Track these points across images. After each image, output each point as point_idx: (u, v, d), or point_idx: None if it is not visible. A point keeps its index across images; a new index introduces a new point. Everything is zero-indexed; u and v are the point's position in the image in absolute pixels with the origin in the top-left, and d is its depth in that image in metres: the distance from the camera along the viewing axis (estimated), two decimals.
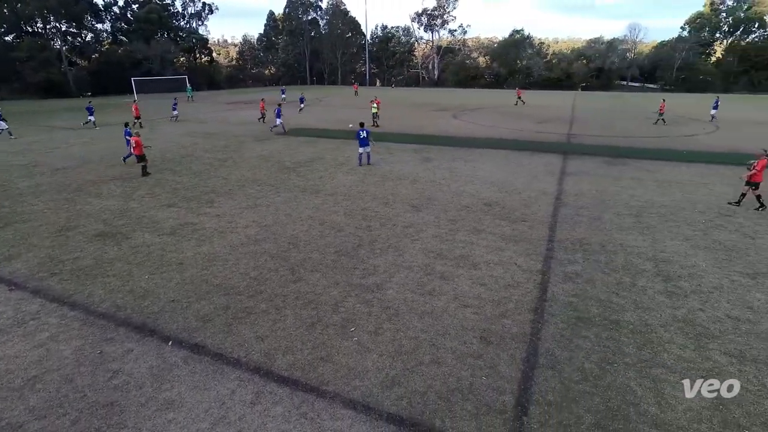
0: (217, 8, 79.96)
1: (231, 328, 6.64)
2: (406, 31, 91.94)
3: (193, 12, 79.08)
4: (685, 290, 7.59)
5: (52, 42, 61.50)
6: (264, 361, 5.98)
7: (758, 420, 5.05)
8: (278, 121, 24.57)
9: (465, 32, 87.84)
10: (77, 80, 60.44)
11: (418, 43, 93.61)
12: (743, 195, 11.82)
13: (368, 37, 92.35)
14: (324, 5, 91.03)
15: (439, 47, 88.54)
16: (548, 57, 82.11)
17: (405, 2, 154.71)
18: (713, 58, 73.61)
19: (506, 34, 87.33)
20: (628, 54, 78.50)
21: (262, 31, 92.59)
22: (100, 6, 68.72)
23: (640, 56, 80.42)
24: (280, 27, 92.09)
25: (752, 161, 11.82)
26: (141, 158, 14.99)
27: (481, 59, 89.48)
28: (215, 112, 36.85)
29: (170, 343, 6.31)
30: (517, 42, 79.98)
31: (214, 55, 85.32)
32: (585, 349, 6.16)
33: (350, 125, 23.29)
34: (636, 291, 7.58)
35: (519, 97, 45.19)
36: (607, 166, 16.44)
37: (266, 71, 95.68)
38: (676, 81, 70.47)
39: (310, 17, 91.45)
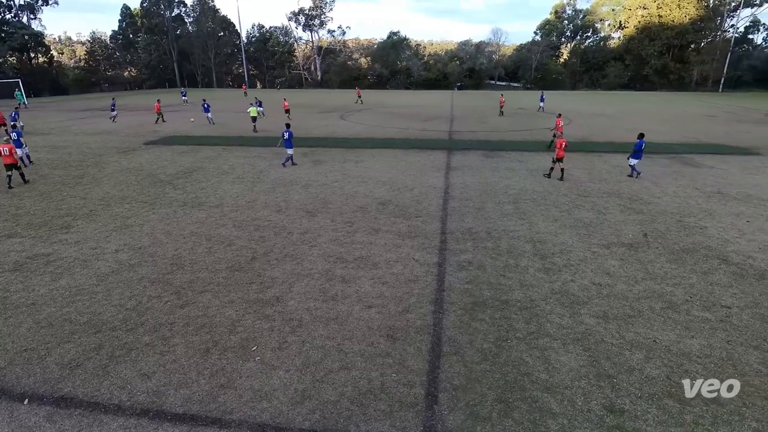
0: (56, 1, 69.38)
1: (107, 371, 5.85)
2: (285, 31, 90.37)
3: (23, 3, 67.61)
4: (558, 265, 8.73)
5: None
6: (153, 401, 5.39)
7: (623, 369, 6.03)
8: (208, 115, 28.01)
9: (344, 33, 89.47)
10: None
11: (298, 44, 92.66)
12: (552, 169, 15.22)
13: (243, 36, 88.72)
14: (190, 1, 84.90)
15: (319, 48, 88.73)
16: (425, 58, 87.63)
17: (280, 1, 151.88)
18: (561, 59, 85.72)
19: (384, 36, 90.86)
20: (494, 56, 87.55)
21: (115, 28, 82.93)
22: None
23: (503, 58, 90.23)
24: (139, 23, 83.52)
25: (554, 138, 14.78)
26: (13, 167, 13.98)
27: (362, 60, 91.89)
28: (62, 121, 32.03)
29: (26, 401, 5.34)
30: (395, 43, 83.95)
31: (54, 54, 74.08)
32: (482, 331, 6.72)
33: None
34: (519, 271, 8.49)
35: (359, 97, 48.33)
36: (486, 159, 18.09)
37: (125, 73, 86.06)
38: (534, 80, 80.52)
39: (173, 13, 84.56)
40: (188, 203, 12.30)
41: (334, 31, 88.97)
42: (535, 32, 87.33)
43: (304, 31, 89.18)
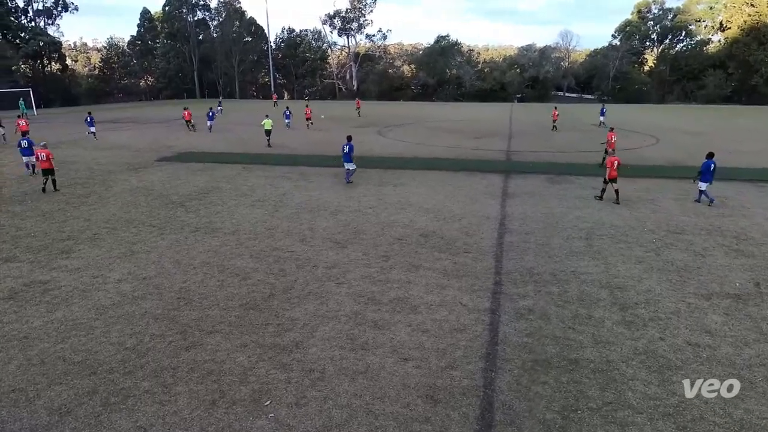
0: (75, 7, 75.95)
1: (100, 420, 6.00)
2: (318, 35, 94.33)
3: (41, 8, 74.48)
4: (644, 318, 8.30)
5: None
6: None
7: None
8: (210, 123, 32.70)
9: (385, 37, 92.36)
10: None
11: (332, 50, 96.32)
12: (603, 191, 15.71)
13: (272, 41, 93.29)
14: (214, 4, 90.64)
15: (356, 54, 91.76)
16: (479, 66, 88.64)
17: (314, 2, 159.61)
18: (646, 67, 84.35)
19: (431, 40, 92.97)
20: (562, 63, 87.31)
21: (134, 34, 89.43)
22: None
23: (574, 65, 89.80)
24: (158, 29, 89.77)
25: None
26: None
27: (405, 68, 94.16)
28: (71, 134, 34.39)
29: None
30: (444, 49, 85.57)
31: (69, 61, 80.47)
32: (545, 397, 6.43)
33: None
34: (593, 323, 8.13)
35: (358, 108, 50.25)
36: (551, 185, 17.79)
37: (141, 82, 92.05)
38: (612, 91, 79.33)
39: (196, 17, 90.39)
40: (201, 229, 12.75)
41: (373, 35, 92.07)
42: (613, 35, 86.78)
43: (339, 35, 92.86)
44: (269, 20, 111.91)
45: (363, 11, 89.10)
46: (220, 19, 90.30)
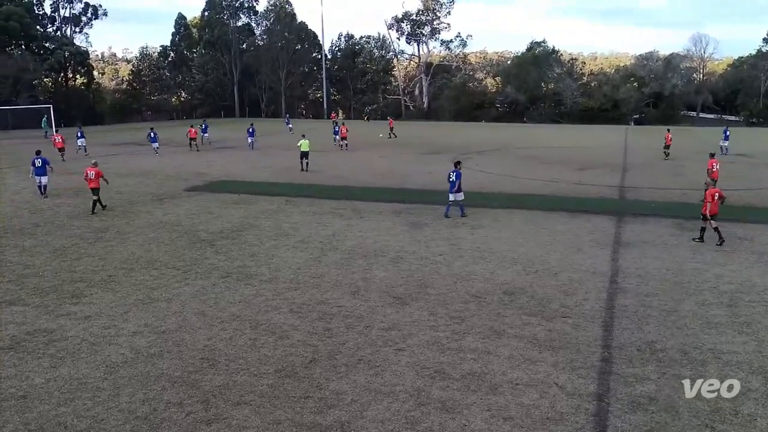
0: (105, 11, 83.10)
1: None
2: (381, 42, 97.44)
3: (68, 15, 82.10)
4: None
5: None
6: None
7: None
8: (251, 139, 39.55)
9: (465, 44, 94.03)
10: None
11: (399, 60, 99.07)
12: (703, 230, 15.99)
13: (326, 50, 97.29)
14: (261, 7, 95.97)
15: (428, 65, 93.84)
16: (584, 78, 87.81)
17: (379, 4, 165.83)
18: None
19: (522, 48, 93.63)
20: (694, 75, 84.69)
21: (168, 43, 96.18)
22: None
23: (711, 78, 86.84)
24: (196, 36, 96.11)
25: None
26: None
27: (489, 81, 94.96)
28: (92, 157, 36.98)
29: None
30: (539, 58, 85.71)
31: (95, 74, 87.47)
32: None
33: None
34: (740, 422, 7.52)
35: (391, 129, 50.89)
36: (681, 233, 16.99)
37: (174, 99, 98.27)
38: (764, 110, 75.68)
39: (240, 22, 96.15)
40: (232, 274, 13.13)
41: (450, 41, 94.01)
42: (765, 39, 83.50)
43: (408, 42, 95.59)
44: (324, 25, 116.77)
45: (438, 12, 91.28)
46: (267, 25, 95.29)
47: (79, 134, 40.27)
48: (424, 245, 15.50)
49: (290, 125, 58.03)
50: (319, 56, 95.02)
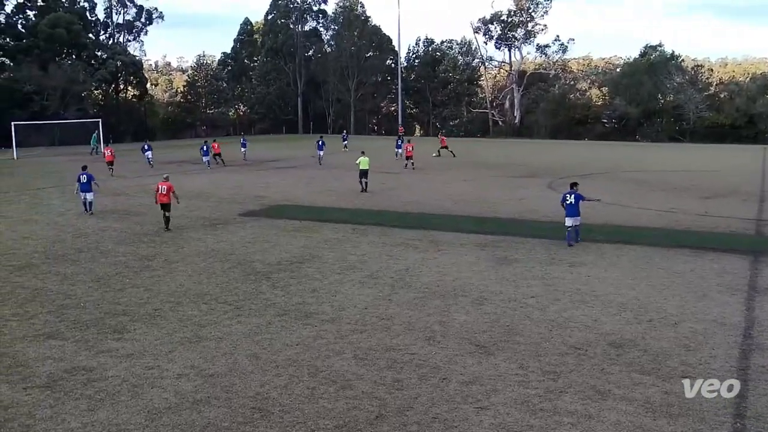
0: (160, 14, 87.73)
1: None
2: (466, 47, 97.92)
3: (122, 21, 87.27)
4: None
5: None
6: None
7: None
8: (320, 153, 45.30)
9: (565, 49, 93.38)
10: None
11: (486, 67, 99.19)
12: None
13: (402, 57, 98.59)
14: (330, 9, 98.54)
15: (521, 73, 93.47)
16: (711, 89, 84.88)
17: (464, 3, 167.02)
18: None
19: (635, 53, 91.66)
20: None
21: (229, 50, 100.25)
22: None
23: None
24: (259, 42, 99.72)
25: None
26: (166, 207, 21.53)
27: (593, 92, 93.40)
28: (141, 176, 38.82)
29: None
30: (655, 65, 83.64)
31: (148, 85, 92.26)
32: None
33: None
34: None
35: (444, 147, 51.57)
36: None
37: (231, 112, 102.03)
38: None
39: (307, 27, 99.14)
40: (290, 312, 13.31)
41: (547, 46, 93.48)
42: None
43: (497, 47, 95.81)
44: (400, 29, 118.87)
45: (533, 12, 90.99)
46: (336, 29, 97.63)
47: (146, 147, 45.57)
48: (513, 285, 15.23)
49: (346, 142, 59.34)
50: (395, 64, 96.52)
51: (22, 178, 39.98)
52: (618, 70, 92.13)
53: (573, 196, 19.30)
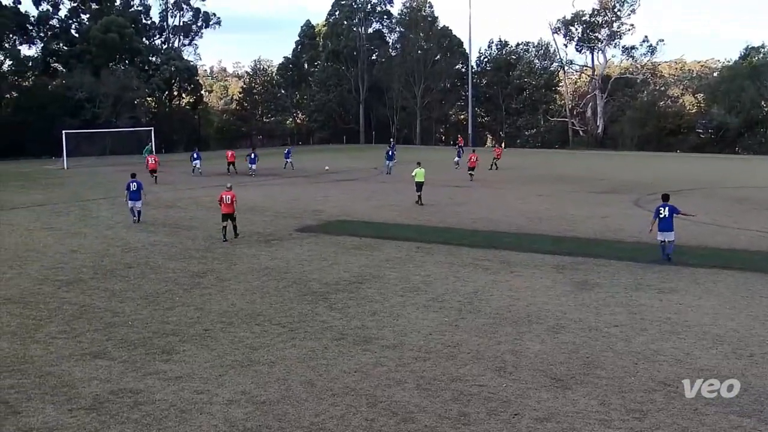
0: (218, 20, 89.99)
1: None
2: (544, 50, 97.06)
3: (178, 24, 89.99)
4: None
5: None
6: None
7: None
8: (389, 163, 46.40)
9: (654, 51, 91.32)
10: None
11: (566, 72, 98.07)
12: None
13: (473, 61, 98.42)
14: (396, 11, 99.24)
15: (605, 78, 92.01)
16: None
17: (541, 3, 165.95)
18: None
19: (734, 55, 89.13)
20: None
21: (288, 55, 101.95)
22: (32, 18, 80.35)
23: None
24: (320, 46, 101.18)
25: None
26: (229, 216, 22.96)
27: (687, 99, 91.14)
28: (194, 188, 39.80)
29: None
30: (759, 68, 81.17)
31: (203, 92, 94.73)
32: None
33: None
34: None
35: (496, 160, 51.96)
36: None
37: (289, 121, 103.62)
38: None
39: (371, 29, 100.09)
40: (348, 336, 13.34)
41: (634, 48, 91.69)
42: None
43: (578, 50, 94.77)
44: (472, 30, 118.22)
45: (619, 11, 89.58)
46: (402, 31, 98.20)
47: (194, 155, 48.55)
48: (594, 312, 14.91)
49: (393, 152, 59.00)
50: (465, 68, 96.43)
51: (72, 188, 41.59)
52: (715, 74, 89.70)
53: (667, 209, 19.43)
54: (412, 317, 14.53)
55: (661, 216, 19.48)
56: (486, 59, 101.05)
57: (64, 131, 56.63)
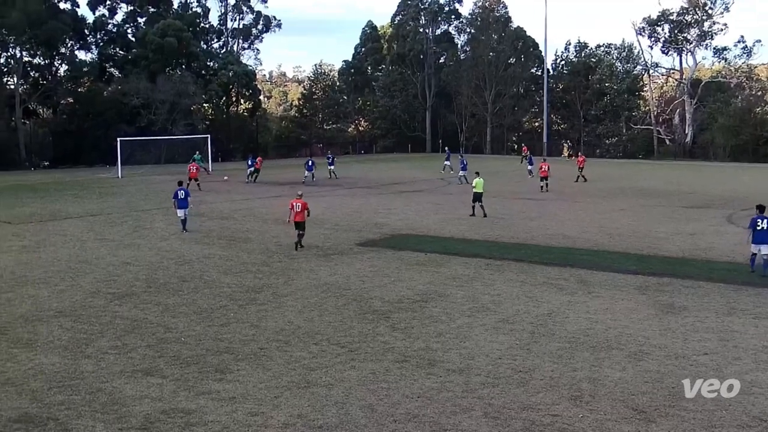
0: (279, 23, 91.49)
1: None
2: (626, 52, 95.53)
3: (237, 27, 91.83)
4: None
5: (6, 79, 74.86)
6: None
7: None
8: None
9: (750, 53, 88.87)
10: (33, 142, 71.63)
11: (651, 76, 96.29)
12: None
13: (549, 64, 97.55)
14: (466, 11, 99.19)
15: (694, 82, 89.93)
16: None
17: (623, 2, 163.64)
18: None
19: None
20: None
21: (350, 58, 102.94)
22: (89, 23, 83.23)
23: None
24: (384, 49, 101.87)
25: None
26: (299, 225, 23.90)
27: None
28: (250, 198, 40.44)
29: None
30: None
31: (261, 97, 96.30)
32: None
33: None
34: None
35: (580, 169, 51.67)
36: None
37: (350, 128, 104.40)
38: None
39: (439, 30, 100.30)
40: (411, 358, 13.31)
41: (727, 49, 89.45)
42: None
43: (664, 51, 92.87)
44: (547, 31, 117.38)
45: (710, 10, 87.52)
46: (472, 32, 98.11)
47: (249, 162, 51.73)
48: (681, 338, 14.53)
49: (448, 162, 59.65)
50: (540, 72, 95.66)
51: (126, 198, 42.80)
52: None
53: (765, 221, 19.60)
54: (480, 339, 14.42)
55: (759, 228, 19.58)
56: (563, 62, 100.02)
57: (119, 139, 58.19)
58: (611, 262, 22.22)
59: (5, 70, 75.09)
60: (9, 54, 74.51)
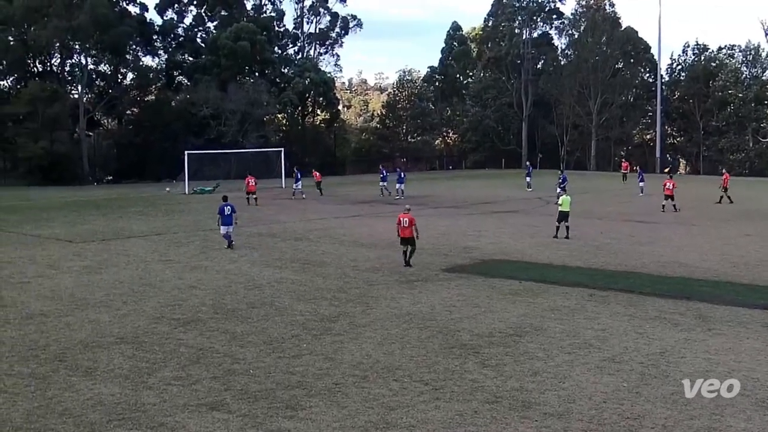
0: (358, 22, 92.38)
1: None
2: (753, 55, 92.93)
3: (315, 31, 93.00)
4: None
5: (69, 88, 77.76)
6: None
7: None
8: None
9: None
10: (97, 155, 74.09)
11: None
12: None
13: (663, 69, 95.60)
14: (568, 10, 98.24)
15: None
16: None
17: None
18: None
19: None
20: None
21: (435, 63, 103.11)
22: (156, 27, 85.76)
23: None
24: (475, 53, 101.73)
25: None
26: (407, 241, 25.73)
27: None
28: (326, 218, 40.82)
29: None
30: None
31: (340, 107, 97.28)
32: None
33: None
34: None
35: (724, 189, 50.80)
36: None
37: (438, 141, 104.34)
38: None
39: (538, 31, 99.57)
40: (503, 399, 13.15)
41: None
42: None
43: None
44: (661, 32, 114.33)
45: None
46: (575, 34, 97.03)
47: (298, 176, 52.43)
48: None
49: (529, 179, 59.20)
50: (653, 78, 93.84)
51: (193, 216, 43.89)
52: None
53: None
54: (581, 380, 14.16)
55: None
56: (679, 67, 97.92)
57: (186, 152, 59.20)
58: (735, 294, 21.56)
59: (70, 78, 78.01)
60: (74, 61, 77.40)
